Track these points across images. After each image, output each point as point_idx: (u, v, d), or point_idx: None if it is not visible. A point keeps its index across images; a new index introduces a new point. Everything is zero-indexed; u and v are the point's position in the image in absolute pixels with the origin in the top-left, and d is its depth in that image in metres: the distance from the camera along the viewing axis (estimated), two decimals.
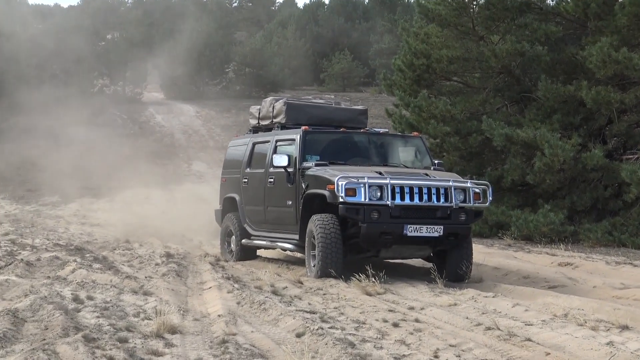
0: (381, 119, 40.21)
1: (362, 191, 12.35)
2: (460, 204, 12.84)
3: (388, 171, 12.99)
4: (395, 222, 12.53)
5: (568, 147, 19.02)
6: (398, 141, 14.94)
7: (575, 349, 8.13)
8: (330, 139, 14.38)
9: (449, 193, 12.78)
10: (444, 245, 13.01)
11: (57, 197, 30.45)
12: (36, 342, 7.72)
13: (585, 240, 18.63)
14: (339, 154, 13.97)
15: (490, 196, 13.40)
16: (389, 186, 12.47)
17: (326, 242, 12.57)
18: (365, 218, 12.43)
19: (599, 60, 18.96)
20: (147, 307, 9.75)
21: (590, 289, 12.54)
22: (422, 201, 12.63)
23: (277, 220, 14.51)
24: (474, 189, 13.03)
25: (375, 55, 60.79)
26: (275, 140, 14.75)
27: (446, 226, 12.70)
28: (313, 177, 13.24)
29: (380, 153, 14.37)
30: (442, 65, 21.79)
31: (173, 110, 50.62)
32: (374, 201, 12.43)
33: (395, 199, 12.49)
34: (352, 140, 14.46)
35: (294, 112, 15.04)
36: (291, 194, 13.84)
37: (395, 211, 12.50)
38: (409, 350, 8.00)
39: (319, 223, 12.72)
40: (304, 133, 13.91)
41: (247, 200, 15.50)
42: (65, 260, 13.67)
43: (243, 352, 7.65)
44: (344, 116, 15.53)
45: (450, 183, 12.84)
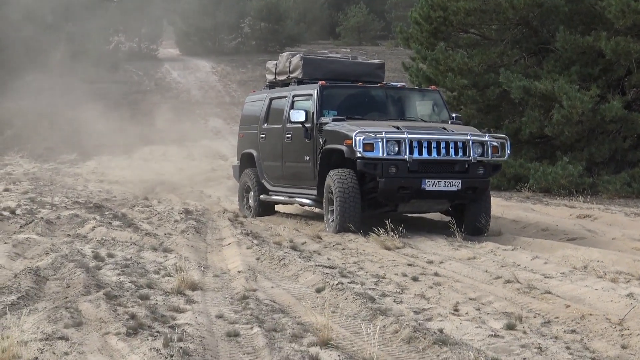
0: (398, 72, 40.01)
1: (379, 146, 12.33)
2: (478, 157, 12.78)
3: (406, 125, 12.93)
4: (413, 177, 12.50)
5: (586, 99, 18.89)
6: (415, 95, 14.88)
7: (594, 300, 8.13)
8: (347, 93, 14.34)
9: (467, 147, 12.73)
10: (462, 199, 13.00)
11: (75, 155, 30.58)
12: (58, 300, 7.79)
13: (604, 192, 18.58)
14: (357, 109, 13.95)
15: (508, 149, 13.40)
16: (407, 141, 12.43)
17: (344, 197, 12.55)
18: (383, 173, 12.43)
19: (618, 10, 18.75)
20: (167, 264, 9.80)
21: (610, 240, 12.52)
22: (440, 155, 12.58)
23: (295, 175, 14.50)
24: (492, 142, 12.98)
25: (391, 7, 60.38)
26: (292, 96, 14.68)
27: (464, 180, 12.66)
28: (331, 132, 13.20)
29: (398, 107, 14.30)
30: (459, 17, 21.60)
31: (189, 66, 50.53)
32: (392, 156, 12.40)
33: (413, 153, 12.45)
34: (370, 95, 14.41)
35: (310, 67, 14.92)
36: (309, 149, 13.82)
37: (413, 165, 12.48)
38: (428, 304, 8.03)
39: (337, 178, 12.70)
40: (321, 88, 13.83)
41: (264, 155, 15.48)
42: (85, 218, 13.75)
43: (264, 308, 7.69)
44: (361, 70, 15.44)
45: (468, 137, 12.80)
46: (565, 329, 7.15)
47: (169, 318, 7.21)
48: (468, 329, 7.03)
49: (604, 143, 19.74)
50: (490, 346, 6.57)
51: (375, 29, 60.76)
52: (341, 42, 59.64)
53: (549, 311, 7.73)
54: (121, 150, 30.82)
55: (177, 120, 36.08)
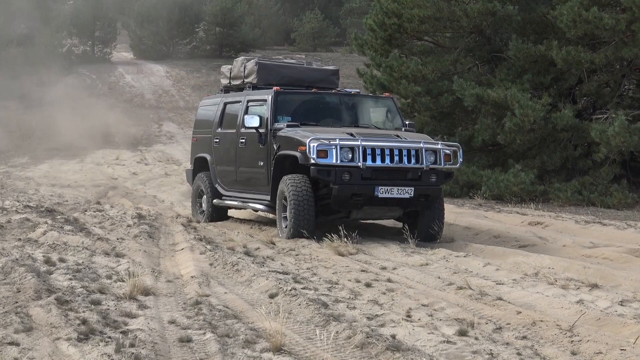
0: (352, 79, 40.12)
1: (333, 153, 12.32)
2: (431, 165, 12.86)
3: (359, 132, 13.01)
4: (367, 184, 12.54)
5: (538, 107, 19.10)
6: (369, 102, 14.98)
7: (545, 307, 8.22)
8: (301, 99, 14.40)
9: (420, 154, 12.79)
10: (414, 206, 13.07)
11: (26, 159, 30.23)
12: (8, 305, 7.70)
13: (555, 200, 18.79)
14: (311, 115, 14.02)
15: (461, 157, 13.50)
16: (360, 148, 12.43)
17: (298, 202, 12.55)
18: (336, 179, 12.43)
19: (570, 20, 18.99)
20: (119, 269, 9.74)
21: (560, 247, 12.67)
22: (393, 163, 12.63)
23: (249, 180, 14.51)
24: (445, 150, 13.05)
25: (346, 14, 60.53)
26: (246, 101, 14.69)
27: (417, 187, 12.73)
28: (285, 138, 13.21)
29: (352, 114, 14.39)
30: (414, 24, 21.73)
31: (143, 70, 50.24)
32: (346, 163, 12.40)
33: (366, 160, 12.48)
34: (324, 101, 14.48)
35: (265, 72, 14.95)
36: (263, 154, 13.82)
37: (367, 173, 12.51)
38: (381, 310, 8.06)
39: (290, 183, 12.71)
40: (276, 94, 13.84)
41: (218, 160, 15.45)
42: (36, 222, 13.60)
43: (217, 314, 7.67)
44: (315, 76, 15.46)
45: (421, 144, 12.87)
46: (517, 335, 7.21)
47: (121, 323, 7.16)
48: (421, 335, 7.07)
49: (555, 151, 19.96)
50: (443, 352, 6.62)
51: (330, 35, 60.88)
52: (296, 47, 59.66)
53: (500, 317, 7.80)
54: (73, 154, 30.55)
55: (131, 124, 35.86)
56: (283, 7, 64.43)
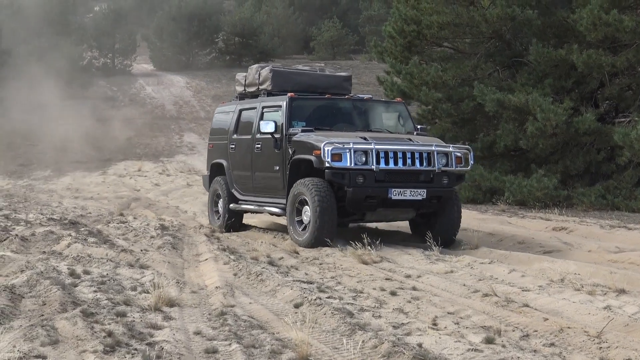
0: (372, 86, 40.14)
1: (347, 156, 12.56)
2: (442, 167, 13.15)
3: (372, 136, 13.27)
4: (380, 186, 12.79)
5: (560, 112, 19.01)
6: (381, 107, 15.25)
7: (572, 313, 8.16)
8: (315, 105, 14.59)
9: (432, 157, 13.08)
10: (427, 208, 13.36)
11: (49, 171, 30.39)
12: (34, 318, 7.71)
13: (579, 205, 18.67)
14: (324, 120, 14.25)
15: (471, 160, 13.72)
16: (374, 151, 12.69)
17: (323, 207, 12.69)
18: (350, 182, 12.67)
19: (590, 23, 18.90)
20: (144, 281, 9.74)
21: (586, 253, 12.57)
22: (405, 165, 12.91)
23: (265, 185, 14.68)
24: (456, 153, 13.35)
25: (365, 22, 60.55)
26: (261, 107, 14.90)
27: (429, 189, 13.02)
28: (299, 142, 13.42)
29: (364, 119, 14.64)
30: (433, 31, 21.70)
31: (163, 81, 50.43)
32: (359, 166, 12.64)
33: (379, 163, 12.72)
34: (337, 107, 14.70)
35: (279, 79, 15.19)
36: (278, 159, 14.04)
37: (380, 175, 12.75)
38: (407, 318, 8.02)
39: (312, 187, 12.85)
40: (290, 99, 14.08)
41: (234, 165, 15.67)
42: (60, 235, 13.64)
43: (242, 324, 7.65)
44: (328, 83, 15.70)
45: (433, 148, 13.14)
46: (544, 342, 7.16)
47: (147, 335, 7.16)
48: (447, 343, 7.03)
49: (578, 155, 19.85)
50: None
51: (349, 43, 60.93)
52: (315, 56, 59.74)
53: (527, 324, 7.74)
54: (96, 166, 30.69)
55: (152, 135, 35.99)
56: (301, 16, 64.55)
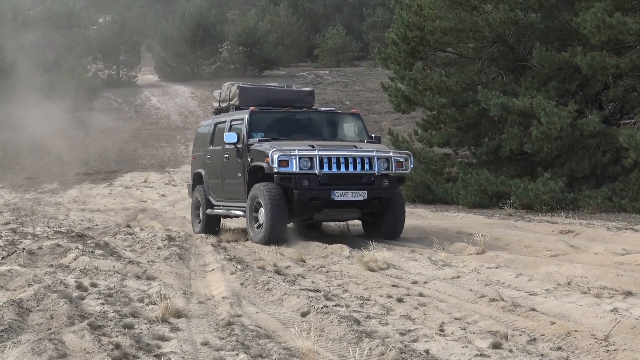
0: (377, 92, 40.18)
1: (293, 162, 13.96)
2: (383, 171, 14.43)
3: (320, 144, 14.59)
4: (324, 189, 14.13)
5: (565, 114, 19.00)
6: (336, 117, 16.47)
7: (579, 317, 8.14)
8: (274, 117, 15.92)
9: (373, 162, 14.38)
10: (370, 207, 14.63)
11: (55, 184, 30.46)
12: (42, 331, 7.72)
13: (585, 207, 18.65)
14: (283, 131, 15.58)
15: (411, 164, 15.06)
16: (317, 157, 14.04)
17: (274, 207, 13.99)
18: (296, 185, 14.06)
19: (593, 26, 18.90)
20: (151, 292, 9.75)
21: (592, 255, 12.54)
22: (348, 170, 14.23)
23: (231, 190, 15.99)
24: (397, 158, 14.68)
25: (368, 29, 60.62)
26: (230, 120, 16.28)
27: (370, 191, 14.33)
28: (256, 151, 14.83)
29: (320, 129, 15.96)
30: (436, 36, 21.73)
31: (168, 92, 50.51)
32: (305, 171, 14.00)
33: (323, 168, 14.06)
34: (294, 118, 16.00)
35: (246, 95, 16.65)
36: (240, 167, 15.41)
37: (324, 179, 14.08)
38: (414, 325, 8.01)
39: (265, 190, 14.17)
40: (251, 113, 15.53)
41: (210, 174, 17.04)
42: (67, 248, 13.67)
43: (249, 334, 7.65)
44: (291, 97, 17.07)
45: (374, 153, 14.42)
46: (551, 346, 7.15)
47: (154, 347, 7.17)
48: (454, 349, 7.02)
49: (583, 158, 19.83)
50: None
51: (353, 50, 60.98)
52: (319, 64, 59.79)
53: (534, 329, 7.73)
54: (102, 178, 30.74)
55: (158, 146, 36.05)
56: (305, 24, 64.63)
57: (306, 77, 53.50)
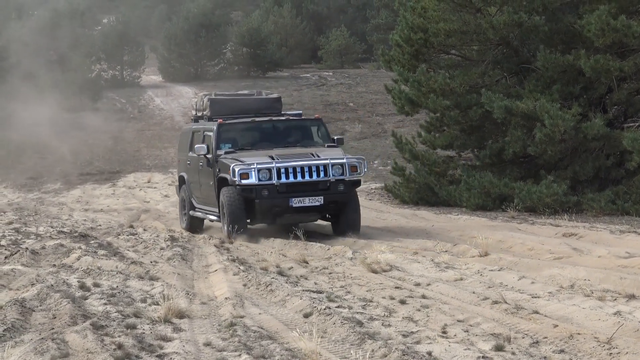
0: (381, 94, 40.16)
1: (253, 174, 15.26)
2: (338, 177, 15.56)
3: (280, 154, 15.81)
4: (283, 197, 15.44)
5: (568, 117, 18.97)
6: (300, 124, 17.54)
7: (582, 319, 8.14)
8: (241, 128, 17.07)
9: (328, 169, 15.51)
10: (327, 211, 15.99)
11: (59, 184, 30.45)
12: (45, 331, 7.74)
13: (588, 210, 18.61)
14: (249, 140, 16.85)
15: (365, 168, 16.35)
16: (275, 169, 15.33)
17: (231, 208, 15.37)
18: (257, 195, 15.39)
19: (598, 29, 18.86)
20: (154, 292, 9.77)
21: (596, 258, 12.52)
22: (304, 178, 15.43)
23: (206, 196, 17.10)
24: (351, 163, 15.77)
25: (372, 30, 60.51)
26: (202, 130, 17.38)
27: (326, 196, 15.51)
28: (221, 163, 16.04)
29: (284, 136, 17.01)
30: (440, 38, 21.67)
31: (172, 92, 50.52)
32: (264, 181, 15.32)
33: (281, 178, 15.33)
34: (260, 128, 17.12)
35: (217, 106, 17.65)
36: (211, 175, 16.51)
37: (282, 188, 15.40)
38: (417, 327, 8.02)
39: (225, 194, 15.55)
40: (218, 125, 16.62)
41: (190, 178, 18.13)
42: (70, 248, 13.69)
43: (252, 335, 7.66)
44: (260, 105, 18.10)
45: (328, 161, 15.56)
46: (554, 349, 7.15)
47: (157, 347, 7.18)
48: (457, 351, 7.03)
49: (587, 161, 19.80)
50: None
51: (357, 51, 60.90)
52: (323, 65, 59.76)
53: (537, 331, 7.73)
54: (105, 178, 30.75)
55: (162, 147, 36.06)
56: (309, 26, 64.60)
57: (310, 79, 53.50)
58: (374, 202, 23.46)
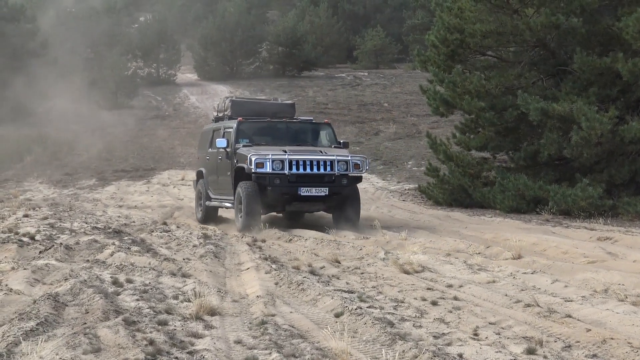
0: (416, 95, 40.07)
1: (267, 164, 16.97)
2: (342, 172, 17.31)
3: (292, 149, 17.45)
4: (292, 186, 17.10)
5: (605, 120, 18.82)
6: (310, 127, 19.18)
7: (616, 324, 8.06)
8: (258, 127, 18.85)
9: (334, 164, 17.27)
10: (331, 201, 17.52)
11: (94, 180, 30.68)
12: (77, 326, 7.78)
13: (624, 214, 18.47)
14: (265, 138, 18.51)
15: (367, 166, 17.97)
16: (287, 160, 17.04)
17: (249, 201, 16.88)
18: (269, 183, 17.05)
19: (636, 31, 18.70)
20: (185, 289, 9.80)
21: (631, 263, 12.39)
22: (312, 170, 17.18)
23: (223, 186, 18.70)
24: (354, 161, 17.52)
25: (408, 31, 60.41)
26: (223, 128, 19.19)
27: (330, 188, 17.23)
28: (239, 154, 17.76)
29: (296, 136, 18.73)
30: (476, 39, 21.60)
31: (207, 91, 50.73)
32: (277, 171, 17.01)
33: (292, 169, 17.04)
34: (275, 127, 18.89)
35: (237, 107, 19.51)
36: (229, 167, 18.23)
37: (292, 178, 17.07)
38: (448, 328, 7.98)
39: (244, 187, 17.05)
40: (238, 123, 18.42)
41: (208, 172, 19.82)
42: (104, 244, 13.77)
43: (282, 333, 7.66)
44: (275, 109, 19.96)
45: (334, 157, 17.32)
46: (587, 354, 7.08)
47: (188, 344, 7.20)
48: (488, 354, 6.98)
49: (623, 164, 19.64)
50: None
51: (392, 52, 60.82)
52: (358, 65, 59.75)
53: (569, 335, 7.67)
54: (140, 175, 30.94)
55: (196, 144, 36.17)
56: (345, 25, 64.61)
57: (345, 79, 53.48)
58: (408, 202, 23.40)
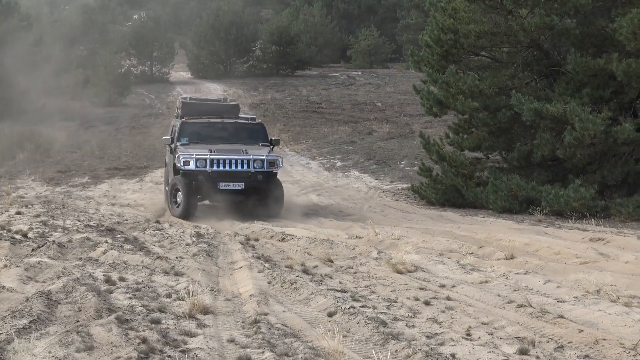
0: (409, 95, 40.07)
1: (192, 162, 19.40)
2: (258, 169, 19.49)
3: (217, 148, 19.78)
4: (213, 181, 19.34)
5: (598, 121, 18.84)
6: (245, 126, 21.34)
7: (608, 325, 8.08)
8: (198, 126, 21.00)
9: (250, 163, 19.45)
10: (249, 194, 19.59)
11: (87, 178, 30.59)
12: (70, 324, 7.78)
13: (616, 215, 18.50)
14: (204, 136, 20.70)
15: (281, 164, 20.22)
16: (209, 159, 19.38)
17: (187, 193, 19.24)
18: (194, 178, 19.42)
19: (629, 32, 18.73)
20: (178, 288, 9.80)
21: (623, 264, 12.42)
22: (231, 168, 19.45)
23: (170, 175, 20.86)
24: (269, 159, 19.64)
25: (402, 30, 60.46)
26: (173, 125, 21.79)
27: (246, 183, 19.46)
28: (177, 152, 19.95)
29: (231, 135, 20.92)
30: (470, 40, 21.60)
31: (200, 89, 50.65)
32: (200, 169, 19.39)
33: (213, 167, 19.36)
34: (213, 127, 21.16)
35: (187, 108, 21.88)
36: (172, 160, 20.48)
37: (213, 174, 19.37)
38: (441, 328, 7.99)
39: (182, 181, 19.36)
40: (181, 123, 20.84)
41: (168, 163, 21.69)
42: (97, 242, 13.75)
43: (275, 332, 7.67)
44: (221, 109, 22.31)
45: (251, 157, 19.50)
46: (579, 354, 7.10)
47: (180, 342, 7.20)
48: (481, 354, 7.00)
49: (616, 166, 19.67)
50: None
51: (386, 51, 60.83)
52: (352, 64, 59.75)
53: (562, 336, 7.68)
54: (133, 173, 30.88)
55: None
56: (339, 25, 64.60)
57: (338, 78, 53.48)
58: (401, 202, 23.41)
